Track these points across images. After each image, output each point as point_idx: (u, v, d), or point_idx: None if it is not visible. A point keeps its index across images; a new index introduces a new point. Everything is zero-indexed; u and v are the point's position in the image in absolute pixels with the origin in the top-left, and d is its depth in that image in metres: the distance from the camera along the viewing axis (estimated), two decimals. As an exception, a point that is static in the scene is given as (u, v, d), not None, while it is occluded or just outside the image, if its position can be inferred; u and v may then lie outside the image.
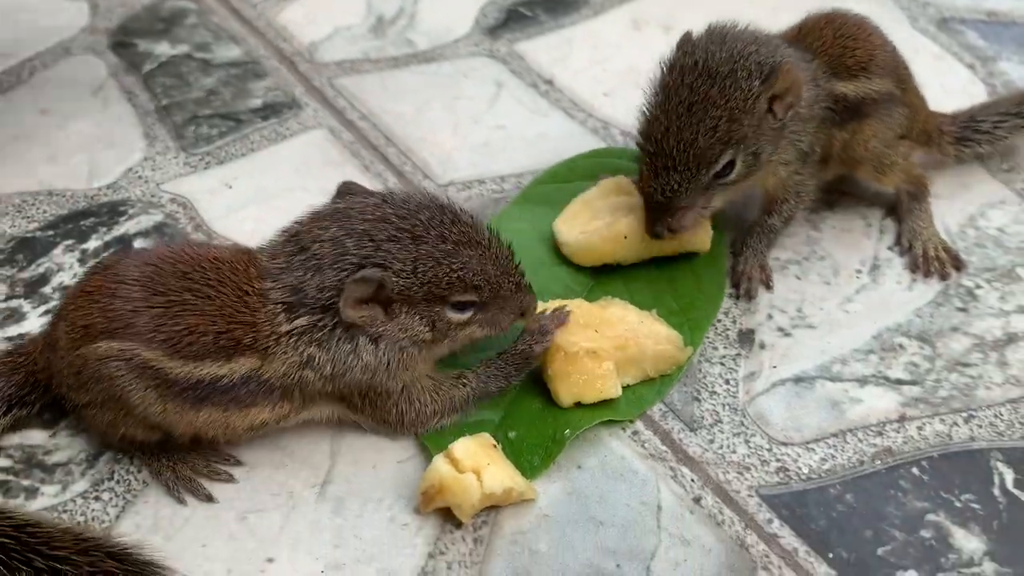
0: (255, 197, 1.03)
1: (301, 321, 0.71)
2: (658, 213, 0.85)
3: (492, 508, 0.75)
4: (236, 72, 1.19)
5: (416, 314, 0.72)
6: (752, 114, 0.82)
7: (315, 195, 1.03)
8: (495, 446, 0.75)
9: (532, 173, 1.04)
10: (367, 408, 0.76)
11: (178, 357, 0.70)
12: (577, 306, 0.82)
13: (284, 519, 0.75)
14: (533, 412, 0.81)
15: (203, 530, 0.74)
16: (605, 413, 0.80)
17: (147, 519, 0.75)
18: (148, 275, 0.71)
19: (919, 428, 0.81)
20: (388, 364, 0.73)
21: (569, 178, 1.02)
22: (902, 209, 0.97)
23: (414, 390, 0.76)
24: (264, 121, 1.12)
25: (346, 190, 0.77)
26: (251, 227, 0.99)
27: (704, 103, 0.81)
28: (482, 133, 1.12)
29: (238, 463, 0.78)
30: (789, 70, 0.82)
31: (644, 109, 0.87)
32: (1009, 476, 0.78)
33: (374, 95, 1.16)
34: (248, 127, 1.11)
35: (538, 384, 0.82)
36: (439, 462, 0.73)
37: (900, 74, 0.95)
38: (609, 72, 1.20)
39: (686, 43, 0.86)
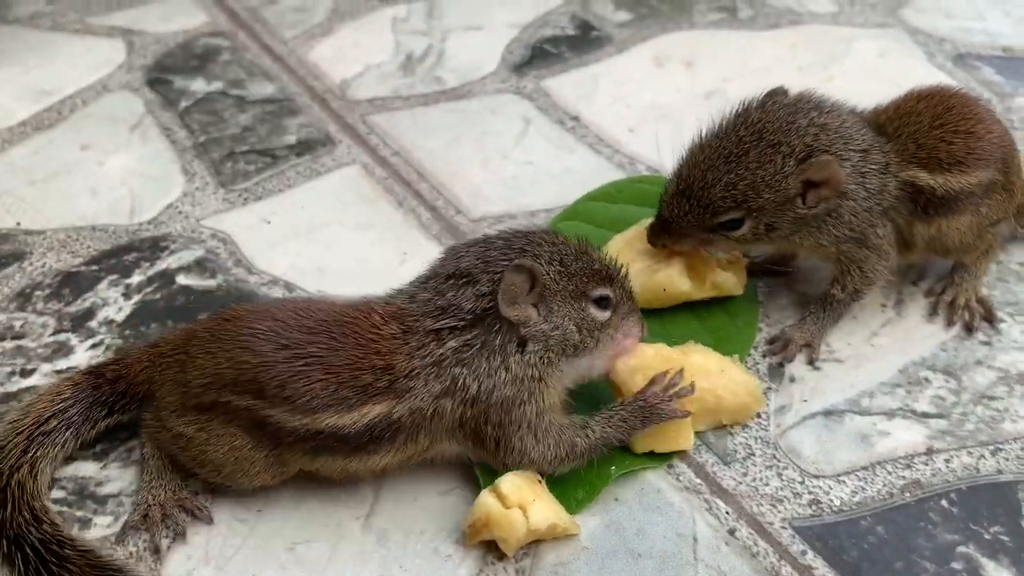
0: (293, 232, 1.06)
1: (451, 343, 0.74)
2: (662, 226, 0.88)
3: (534, 541, 0.77)
4: (271, 109, 1.23)
5: (564, 311, 0.76)
6: (776, 191, 0.83)
7: (350, 230, 1.06)
8: (540, 481, 0.77)
9: (561, 207, 1.07)
10: (492, 443, 0.76)
11: (299, 412, 0.73)
12: (657, 351, 0.82)
13: (331, 549, 0.77)
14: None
15: (253, 561, 0.76)
16: (655, 457, 0.82)
17: (198, 549, 0.77)
18: (275, 330, 0.74)
19: (947, 461, 0.83)
20: (534, 375, 0.75)
21: (616, 199, 1.05)
22: (958, 265, 0.95)
23: (542, 425, 0.76)
24: (299, 157, 1.15)
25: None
26: (290, 261, 1.02)
27: (738, 159, 0.83)
28: (510, 169, 1.14)
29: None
30: (825, 164, 0.82)
31: (698, 132, 0.88)
32: (1038, 508, 0.80)
33: (405, 131, 1.19)
34: (284, 163, 1.14)
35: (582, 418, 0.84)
36: (486, 497, 0.75)
37: (1005, 159, 0.91)
38: (633, 108, 1.23)
39: (769, 96, 0.87)
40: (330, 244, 1.04)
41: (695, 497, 0.81)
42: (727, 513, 0.80)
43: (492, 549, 0.77)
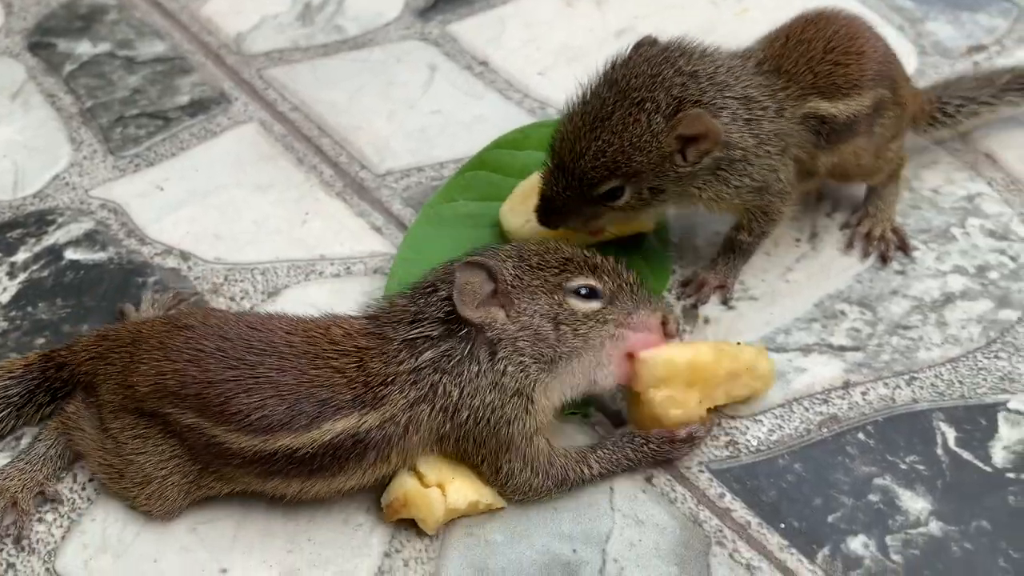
0: (189, 198, 1.00)
1: (427, 354, 0.70)
2: (547, 206, 0.82)
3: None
4: (161, 69, 1.16)
5: (535, 307, 0.70)
6: (649, 152, 0.77)
7: (249, 192, 1.01)
8: None
9: (470, 158, 1.03)
10: (479, 462, 0.71)
11: (248, 431, 0.68)
12: (691, 362, 0.74)
13: (236, 527, 0.74)
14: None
15: (153, 545, 0.73)
16: (569, 407, 0.79)
17: (94, 538, 0.74)
18: (223, 348, 0.70)
19: (863, 393, 0.82)
20: (512, 388, 0.70)
21: (523, 145, 1.00)
22: (870, 190, 0.94)
23: (531, 450, 0.71)
24: (193, 118, 1.10)
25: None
26: (185, 229, 0.97)
27: (603, 123, 0.77)
28: (418, 119, 1.10)
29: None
30: (696, 117, 0.76)
31: (568, 102, 0.82)
32: (951, 435, 0.80)
33: (305, 85, 1.14)
34: (177, 125, 1.09)
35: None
36: (404, 475, 0.72)
37: (894, 76, 0.90)
38: (543, 50, 1.19)
39: (635, 49, 0.81)
40: (227, 208, 1.00)
41: (612, 447, 0.79)
42: (644, 461, 0.78)
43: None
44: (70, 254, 0.95)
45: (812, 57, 0.85)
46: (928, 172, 1.01)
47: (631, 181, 0.79)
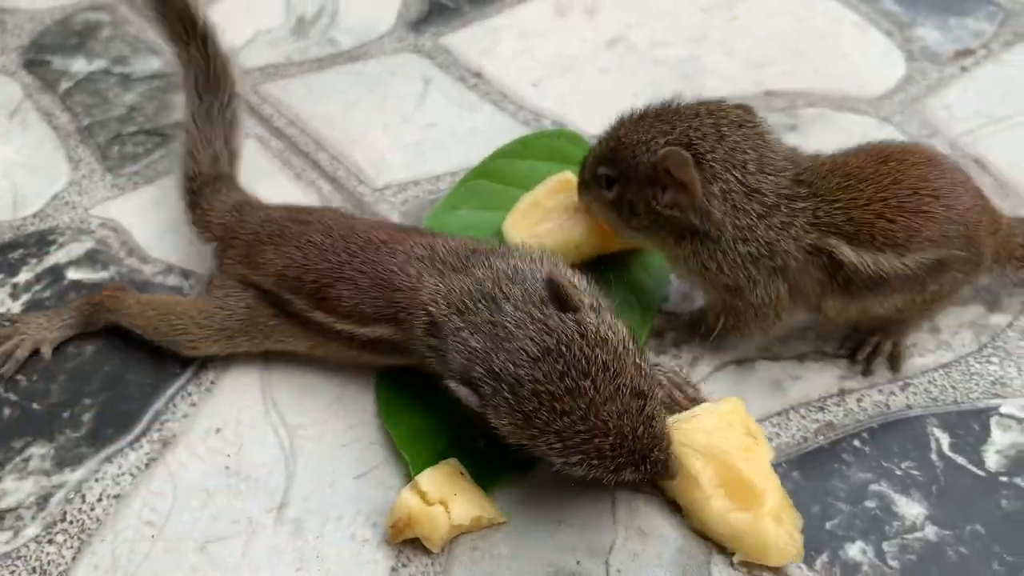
0: (188, 216, 1.01)
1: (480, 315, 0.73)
2: (582, 169, 0.87)
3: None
4: (158, 85, 1.17)
5: None
6: (640, 165, 0.79)
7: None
8: (462, 474, 0.76)
9: (466, 170, 1.04)
10: None
11: (328, 313, 0.80)
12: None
13: (244, 546, 0.75)
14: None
15: (163, 564, 0.74)
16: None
17: (104, 559, 0.75)
18: (325, 242, 0.81)
19: (858, 400, 0.84)
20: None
21: (524, 155, 1.02)
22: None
23: None
24: (190, 135, 1.10)
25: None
26: (186, 247, 0.98)
27: (638, 122, 0.81)
28: (413, 132, 1.11)
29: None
30: (682, 160, 0.76)
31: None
32: (945, 440, 0.81)
33: (300, 99, 1.15)
34: (174, 142, 1.09)
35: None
36: (407, 495, 0.73)
37: (968, 236, 0.79)
38: (537, 60, 1.20)
39: (734, 106, 0.82)
40: (227, 225, 1.00)
41: (612, 458, 0.80)
42: (645, 472, 0.79)
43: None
44: (71, 274, 0.96)
45: (856, 198, 0.78)
46: (918, 178, 1.02)
47: (620, 182, 0.81)
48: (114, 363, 0.88)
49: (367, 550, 0.75)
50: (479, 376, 0.68)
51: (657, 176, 0.78)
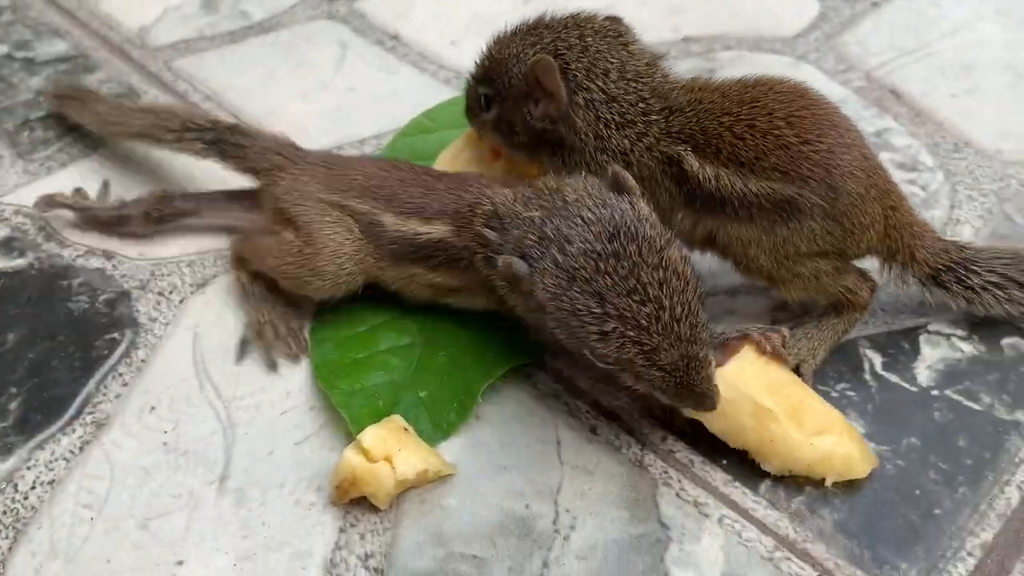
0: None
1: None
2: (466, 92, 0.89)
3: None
4: (65, 68, 1.13)
5: None
6: (512, 78, 0.80)
7: (170, 185, 1.00)
8: (406, 429, 0.75)
9: (391, 132, 1.03)
10: None
11: (395, 213, 0.81)
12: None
13: (187, 519, 0.74)
14: (440, 368, 0.81)
15: (104, 545, 0.72)
16: (514, 359, 0.82)
17: (43, 545, 0.72)
18: (407, 166, 0.85)
19: (791, 328, 0.85)
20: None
21: (432, 128, 1.01)
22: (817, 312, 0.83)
23: None
24: (103, 116, 1.07)
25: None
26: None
27: (510, 37, 0.83)
28: (333, 98, 1.09)
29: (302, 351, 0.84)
30: (548, 67, 0.77)
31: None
32: (877, 360, 0.83)
33: (215, 73, 1.12)
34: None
35: (442, 339, 0.82)
36: (349, 454, 0.72)
37: (832, 185, 0.75)
38: (454, 21, 1.19)
39: (605, 18, 0.83)
40: (148, 203, 0.98)
41: (555, 402, 0.80)
42: (587, 412, 0.80)
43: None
44: (-12, 263, 0.92)
45: (711, 110, 0.78)
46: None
47: (497, 100, 0.83)
48: (38, 350, 0.85)
49: (313, 513, 0.74)
50: (532, 243, 0.70)
51: (529, 87, 0.79)
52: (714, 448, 0.76)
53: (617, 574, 0.70)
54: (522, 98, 0.81)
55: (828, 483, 0.74)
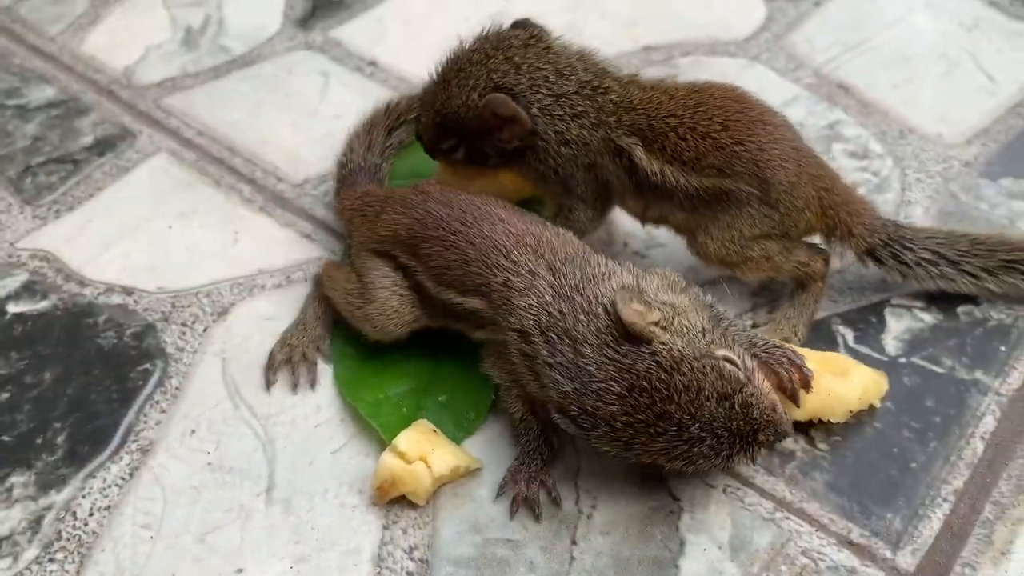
0: (117, 235, 1.03)
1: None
2: (423, 142, 0.94)
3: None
4: (57, 113, 1.17)
5: None
6: (472, 121, 0.87)
7: (174, 220, 1.05)
8: (435, 431, 0.82)
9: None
10: None
11: (434, 281, 0.84)
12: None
13: (241, 530, 0.80)
14: (453, 373, 0.88)
15: (167, 561, 0.78)
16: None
17: (109, 567, 0.78)
18: (443, 213, 0.85)
19: (768, 313, 0.93)
20: None
21: (425, 174, 1.05)
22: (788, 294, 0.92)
23: None
24: (101, 157, 1.12)
25: None
26: (121, 265, 1.00)
27: (445, 89, 0.88)
28: (322, 125, 1.15)
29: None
30: (501, 102, 0.84)
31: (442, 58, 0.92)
32: (849, 335, 0.92)
33: (204, 109, 1.18)
34: (87, 166, 1.11)
35: (454, 346, 0.88)
36: (387, 457, 0.79)
37: (767, 177, 0.84)
38: (427, 43, 1.24)
39: (514, 27, 0.90)
40: (157, 239, 1.03)
41: (565, 396, 0.88)
42: (595, 403, 0.87)
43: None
44: (12, 308, 0.97)
45: (658, 110, 0.86)
46: (791, 108, 1.12)
47: (462, 142, 0.90)
48: (75, 386, 0.90)
49: (358, 514, 0.80)
50: (576, 414, 0.73)
51: (488, 123, 0.87)
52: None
53: (639, 544, 0.78)
54: (486, 133, 0.88)
55: (877, 405, 0.85)
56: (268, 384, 0.89)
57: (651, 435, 0.71)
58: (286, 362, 0.90)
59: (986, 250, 0.89)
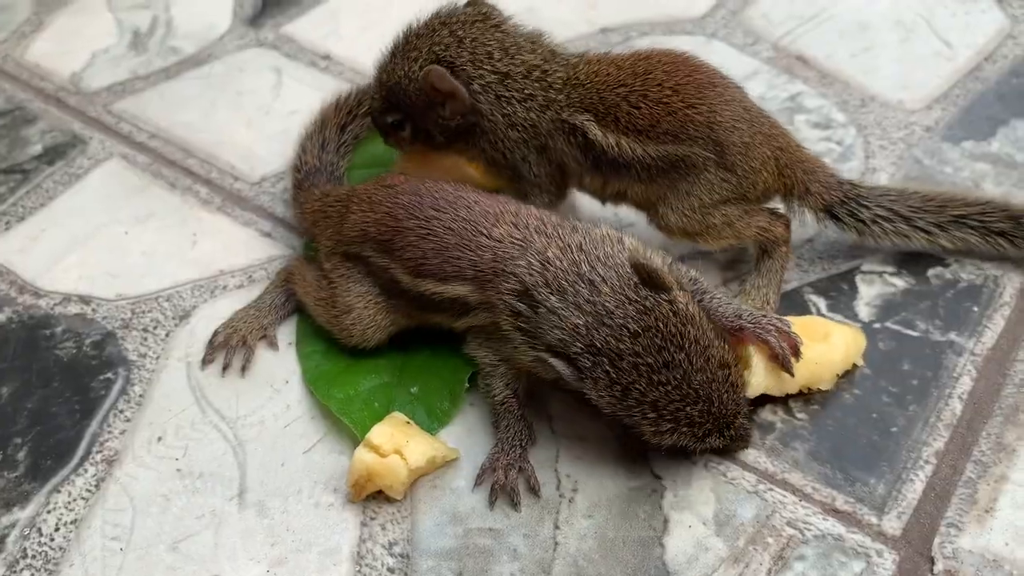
0: (71, 244, 1.01)
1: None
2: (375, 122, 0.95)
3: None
4: (3, 123, 1.14)
5: None
6: (415, 96, 0.87)
7: (130, 225, 1.03)
8: (408, 423, 0.80)
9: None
10: None
11: (410, 274, 0.82)
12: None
13: (215, 536, 0.77)
14: (424, 363, 0.86)
15: (139, 572, 0.76)
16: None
17: (78, 581, 0.76)
18: (413, 202, 0.83)
19: (740, 282, 0.93)
20: None
21: (386, 162, 1.03)
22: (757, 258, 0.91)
23: None
24: (52, 166, 1.09)
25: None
26: (78, 274, 0.98)
27: (391, 62, 0.88)
28: (277, 122, 1.13)
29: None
30: (440, 75, 0.84)
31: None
32: (822, 303, 0.91)
33: (156, 111, 1.15)
34: (37, 176, 1.08)
35: (424, 336, 0.87)
36: (361, 453, 0.77)
37: (722, 141, 0.83)
38: (383, 34, 1.21)
39: (468, 5, 0.89)
40: (113, 245, 1.00)
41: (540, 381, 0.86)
42: (571, 386, 0.86)
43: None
44: (-35, 323, 0.94)
45: (608, 82, 0.85)
46: (752, 82, 1.12)
47: (407, 118, 0.90)
48: (35, 400, 0.87)
49: (333, 513, 0.78)
50: (579, 351, 0.72)
51: (430, 97, 0.86)
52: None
53: (622, 525, 0.76)
54: (428, 108, 0.88)
55: (859, 365, 0.85)
56: (204, 362, 0.88)
57: (651, 383, 0.71)
58: (223, 344, 0.88)
59: (936, 206, 0.90)
